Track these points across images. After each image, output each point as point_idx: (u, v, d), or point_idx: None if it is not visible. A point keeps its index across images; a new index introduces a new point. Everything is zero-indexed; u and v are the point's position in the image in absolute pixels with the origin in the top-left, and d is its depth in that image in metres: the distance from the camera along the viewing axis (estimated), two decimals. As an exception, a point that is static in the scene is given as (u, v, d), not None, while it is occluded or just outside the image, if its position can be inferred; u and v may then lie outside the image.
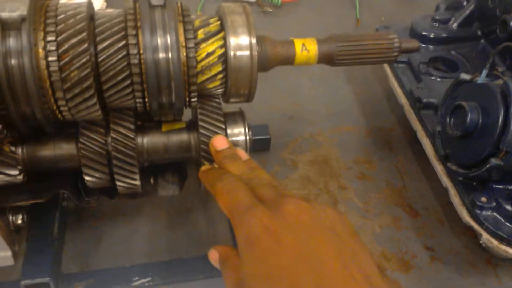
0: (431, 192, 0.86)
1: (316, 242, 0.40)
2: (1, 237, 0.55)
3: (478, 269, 0.75)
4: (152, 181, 0.72)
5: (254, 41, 0.57)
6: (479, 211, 0.68)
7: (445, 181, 0.75)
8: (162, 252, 0.75)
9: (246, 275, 0.41)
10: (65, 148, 0.61)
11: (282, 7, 1.27)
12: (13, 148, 0.59)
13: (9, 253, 0.57)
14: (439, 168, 0.77)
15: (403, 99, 0.90)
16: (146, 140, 0.64)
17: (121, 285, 0.66)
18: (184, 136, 0.65)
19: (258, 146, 0.91)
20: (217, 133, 0.61)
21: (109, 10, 0.57)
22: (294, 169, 0.91)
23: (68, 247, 0.72)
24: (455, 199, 0.72)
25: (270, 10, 1.24)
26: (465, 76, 0.71)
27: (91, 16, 0.55)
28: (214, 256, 0.50)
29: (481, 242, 0.68)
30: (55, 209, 0.68)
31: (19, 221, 0.59)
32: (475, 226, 0.67)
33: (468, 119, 0.66)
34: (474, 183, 0.71)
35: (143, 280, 0.66)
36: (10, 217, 0.59)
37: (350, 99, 1.05)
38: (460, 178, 0.72)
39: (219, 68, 0.59)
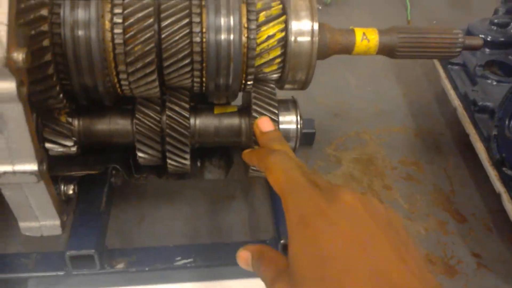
0: (480, 198, 0.83)
1: (371, 231, 0.39)
2: (52, 205, 0.56)
3: (527, 279, 0.72)
4: (199, 164, 0.73)
5: (316, 26, 0.56)
6: (535, 219, 0.65)
7: (499, 186, 0.72)
8: (203, 235, 0.75)
9: (295, 254, 0.39)
10: (121, 123, 0.62)
11: (332, 5, 1.26)
12: (69, 119, 0.60)
13: (58, 222, 0.58)
14: (492, 173, 0.74)
15: (456, 102, 0.87)
16: (198, 121, 0.64)
17: (163, 264, 0.66)
18: (235, 120, 0.65)
19: (302, 140, 0.90)
20: (271, 118, 0.60)
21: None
22: (338, 165, 0.90)
23: (112, 223, 0.73)
24: (509, 205, 0.69)
25: (320, 7, 1.24)
26: (527, 79, 0.68)
27: (156, -8, 0.56)
28: (244, 255, 0.48)
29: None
30: (103, 185, 0.69)
31: (70, 191, 0.60)
32: (531, 233, 0.65)
33: (531, 122, 0.63)
34: (531, 189, 0.68)
35: (185, 261, 0.66)
36: (62, 187, 0.60)
37: (399, 99, 1.03)
38: (516, 184, 0.69)
39: (277, 52, 0.58)
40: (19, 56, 0.42)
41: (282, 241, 0.65)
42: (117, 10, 0.52)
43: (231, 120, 0.65)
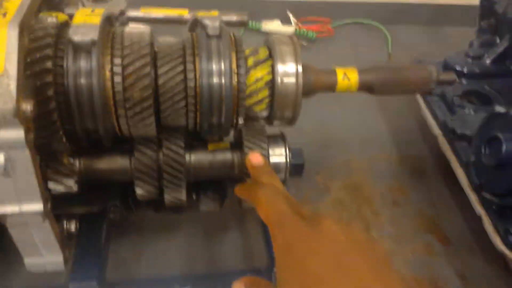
0: (463, 221, 0.87)
1: (354, 257, 0.43)
2: (56, 242, 0.59)
3: (510, 298, 0.76)
4: (194, 197, 0.76)
5: (300, 69, 0.61)
6: (513, 240, 0.69)
7: (479, 209, 0.76)
8: (199, 265, 0.78)
9: (282, 280, 0.43)
10: (120, 162, 0.66)
11: (316, 41, 1.31)
12: (71, 160, 0.64)
13: (61, 258, 0.61)
14: (472, 197, 0.78)
15: (436, 130, 0.92)
16: (193, 157, 0.68)
17: (162, 294, 0.69)
18: (228, 155, 0.69)
19: (292, 171, 0.94)
20: (260, 153, 0.64)
21: (168, 38, 0.62)
22: (327, 194, 0.94)
23: (111, 257, 0.76)
24: (489, 227, 0.74)
25: (305, 44, 1.29)
26: (500, 109, 0.73)
27: (151, 43, 0.61)
28: (239, 287, 0.51)
29: (514, 271, 0.69)
30: (102, 220, 0.73)
31: (73, 229, 0.63)
32: (509, 253, 0.68)
33: (504, 149, 0.68)
34: (508, 212, 0.73)
35: (182, 290, 0.69)
36: (65, 224, 0.64)
37: (383, 128, 1.08)
38: (494, 207, 0.74)
39: (266, 92, 0.63)
40: (27, 107, 0.47)
41: (275, 269, 0.68)
42: (117, 61, 0.57)
43: (224, 155, 0.69)
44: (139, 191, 0.66)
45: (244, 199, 0.57)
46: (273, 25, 1.30)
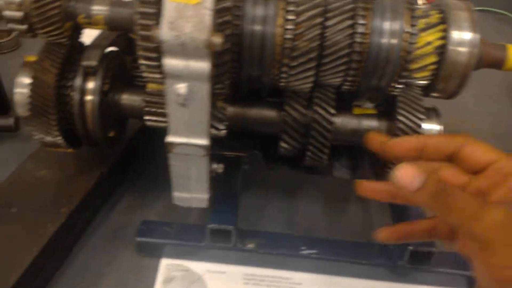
0: None
1: None
2: (206, 180, 0.61)
3: None
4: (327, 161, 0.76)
5: (477, 38, 0.58)
6: None
7: None
8: (320, 230, 0.78)
9: None
10: (269, 114, 0.66)
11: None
12: (224, 105, 0.66)
13: (206, 196, 0.63)
14: None
15: None
16: (337, 120, 0.67)
17: (289, 250, 0.69)
18: (374, 123, 0.67)
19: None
20: (416, 124, 0.61)
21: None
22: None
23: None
24: None
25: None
26: None
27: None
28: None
29: None
30: (238, 168, 0.75)
31: (220, 170, 0.65)
32: None
33: None
34: None
35: (309, 251, 0.69)
36: (214, 165, 0.66)
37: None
38: None
39: (433, 59, 0.60)
40: (218, 39, 0.48)
41: (410, 248, 0.66)
42: (291, 8, 0.57)
43: (370, 122, 0.67)
44: (283, 145, 0.66)
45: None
46: None
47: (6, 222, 0.62)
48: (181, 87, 0.50)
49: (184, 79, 0.50)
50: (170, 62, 0.48)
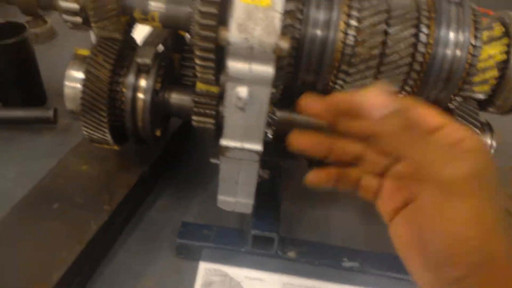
0: None
1: None
2: (253, 185, 0.60)
3: None
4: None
5: (544, 53, 0.55)
6: None
7: None
8: (356, 240, 0.76)
9: None
10: (313, 120, 0.64)
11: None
12: (274, 110, 0.64)
13: (251, 201, 0.62)
14: None
15: None
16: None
17: (331, 261, 0.68)
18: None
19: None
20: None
21: (400, -1, 0.60)
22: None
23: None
24: None
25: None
26: None
27: None
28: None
29: None
30: (279, 175, 0.73)
31: (266, 176, 0.64)
32: None
33: None
34: None
35: (351, 264, 0.67)
36: (261, 171, 0.64)
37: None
38: None
39: (494, 73, 0.58)
40: (285, 44, 0.46)
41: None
42: (354, 13, 0.55)
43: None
44: (332, 151, 0.64)
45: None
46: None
47: (48, 218, 0.61)
48: (243, 91, 0.48)
49: (246, 83, 0.48)
50: (234, 65, 0.47)
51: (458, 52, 0.55)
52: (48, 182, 0.66)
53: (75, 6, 0.55)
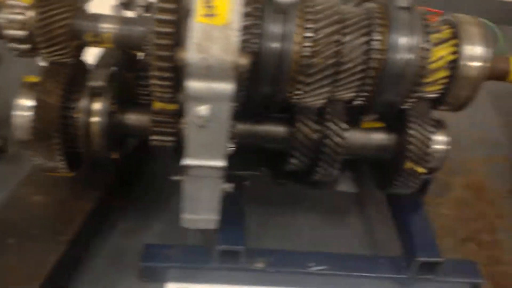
0: None
1: None
2: (217, 201, 0.59)
3: None
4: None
5: (490, 53, 0.58)
6: None
7: None
8: (324, 244, 0.77)
9: None
10: (278, 129, 0.65)
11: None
12: (234, 123, 0.63)
13: (214, 217, 0.61)
14: None
15: None
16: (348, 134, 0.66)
17: (298, 268, 0.68)
18: (382, 136, 0.67)
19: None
20: (427, 137, 0.61)
21: (349, 7, 0.61)
22: (447, 190, 0.91)
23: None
24: None
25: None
26: None
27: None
28: None
29: None
30: (241, 186, 0.72)
31: (230, 189, 0.63)
32: None
33: None
34: None
35: (319, 267, 0.68)
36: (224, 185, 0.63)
37: (498, 128, 1.04)
38: None
39: (444, 73, 0.60)
40: (244, 61, 0.46)
41: (420, 259, 0.66)
42: (308, 25, 0.56)
43: (378, 135, 0.67)
44: (294, 161, 0.64)
45: None
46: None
47: (2, 254, 0.57)
48: (203, 109, 0.48)
49: (206, 101, 0.48)
50: (194, 85, 0.46)
51: (410, 56, 0.57)
52: (1, 215, 0.62)
53: (22, 33, 0.52)
